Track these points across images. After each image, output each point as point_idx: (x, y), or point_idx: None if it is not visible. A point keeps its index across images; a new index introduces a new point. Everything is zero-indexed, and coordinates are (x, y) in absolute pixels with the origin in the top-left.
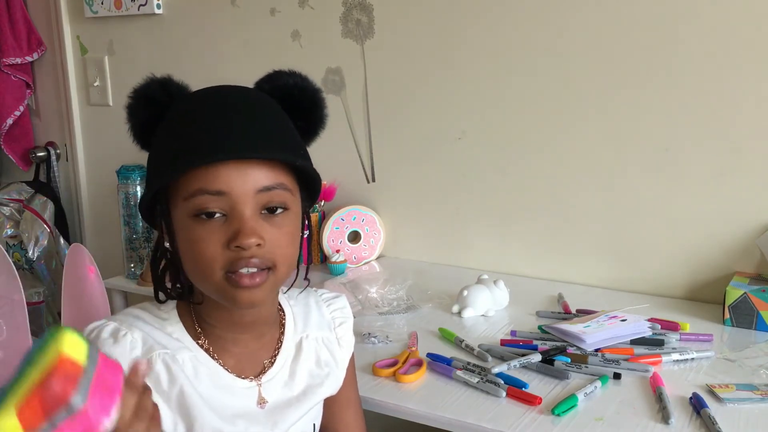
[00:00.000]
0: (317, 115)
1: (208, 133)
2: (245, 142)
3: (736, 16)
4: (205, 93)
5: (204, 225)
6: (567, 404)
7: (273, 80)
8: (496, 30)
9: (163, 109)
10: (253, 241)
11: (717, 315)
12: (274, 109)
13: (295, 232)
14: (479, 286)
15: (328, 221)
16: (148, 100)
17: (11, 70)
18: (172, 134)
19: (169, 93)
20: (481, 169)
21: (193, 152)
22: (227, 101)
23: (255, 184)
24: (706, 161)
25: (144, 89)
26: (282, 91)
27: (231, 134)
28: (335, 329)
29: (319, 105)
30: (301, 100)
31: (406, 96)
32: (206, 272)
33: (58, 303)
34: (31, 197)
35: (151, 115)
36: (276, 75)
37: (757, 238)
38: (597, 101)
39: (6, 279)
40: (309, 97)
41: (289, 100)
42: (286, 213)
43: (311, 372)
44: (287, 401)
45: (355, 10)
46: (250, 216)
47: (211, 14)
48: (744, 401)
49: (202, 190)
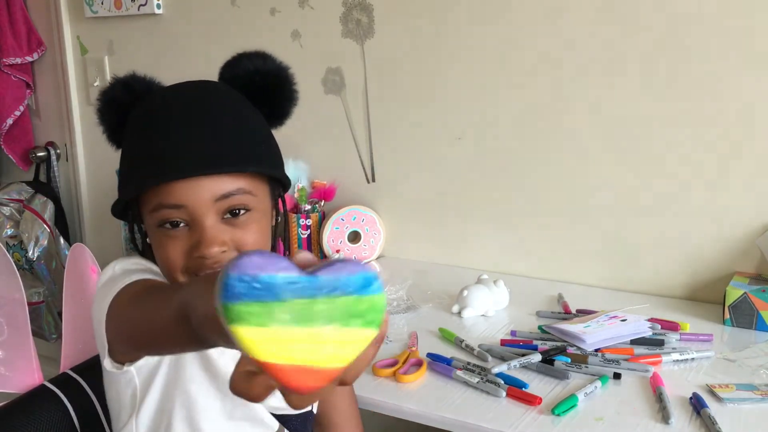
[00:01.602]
0: (284, 94)
1: (160, 152)
2: (195, 159)
3: (736, 17)
4: (161, 100)
5: (169, 234)
6: (567, 404)
7: (233, 67)
8: (497, 30)
9: (129, 109)
10: (216, 251)
11: (717, 315)
12: (232, 110)
13: (262, 227)
14: (479, 286)
15: (328, 221)
16: (112, 103)
17: (11, 70)
18: (131, 145)
19: (133, 93)
20: (481, 169)
21: (147, 172)
22: (181, 112)
23: (212, 194)
24: (706, 161)
25: (108, 91)
26: (242, 79)
27: (181, 152)
28: None
29: (284, 83)
30: (262, 84)
31: (406, 96)
32: (173, 276)
33: (58, 303)
34: (31, 197)
35: (119, 117)
36: (236, 61)
37: (757, 238)
38: (597, 101)
39: (6, 278)
40: (272, 79)
41: (250, 86)
42: (250, 213)
43: None
44: None
45: (355, 10)
46: (212, 225)
47: (211, 14)
48: (744, 401)
49: (162, 204)
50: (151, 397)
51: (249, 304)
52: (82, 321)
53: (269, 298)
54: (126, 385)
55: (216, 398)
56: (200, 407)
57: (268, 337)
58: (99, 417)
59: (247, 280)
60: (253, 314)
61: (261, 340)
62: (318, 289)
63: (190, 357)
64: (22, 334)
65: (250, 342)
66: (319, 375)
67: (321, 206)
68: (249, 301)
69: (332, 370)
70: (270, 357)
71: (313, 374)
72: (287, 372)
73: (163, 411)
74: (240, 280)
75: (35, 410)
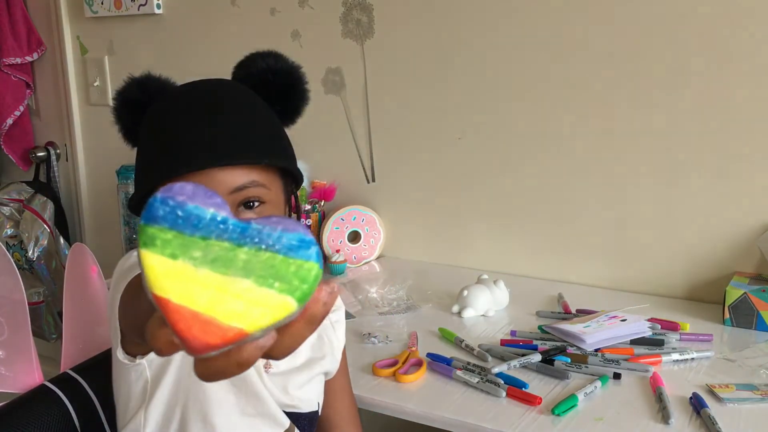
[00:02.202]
0: (296, 93)
1: (175, 146)
2: (209, 152)
3: (736, 18)
4: (175, 97)
5: None
6: (567, 404)
7: (246, 66)
8: (497, 30)
9: (145, 108)
10: None
11: (717, 315)
12: (245, 105)
13: None
14: (479, 286)
15: (328, 221)
16: (128, 102)
17: (11, 70)
18: (148, 140)
19: (148, 93)
20: (481, 169)
21: (162, 166)
22: (194, 107)
23: (226, 187)
24: (707, 161)
25: (124, 91)
26: (255, 77)
27: (195, 145)
28: (329, 315)
29: (297, 83)
30: (275, 83)
31: (406, 96)
32: None
33: (58, 303)
34: (31, 197)
35: (134, 116)
36: (249, 60)
37: (757, 238)
38: (597, 101)
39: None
40: (284, 78)
41: (263, 85)
42: (264, 206)
43: (313, 345)
44: (290, 370)
45: (355, 10)
46: None
47: (211, 14)
48: (744, 401)
49: None
50: (161, 391)
51: (165, 231)
52: (82, 321)
53: (188, 231)
54: (137, 378)
55: (229, 392)
56: (213, 402)
57: (172, 271)
58: (99, 417)
59: (171, 205)
60: (165, 242)
61: (164, 273)
62: (245, 237)
63: None
64: (22, 334)
65: (152, 271)
66: (216, 331)
67: (321, 206)
68: (166, 227)
69: (234, 330)
70: (167, 293)
71: (211, 328)
72: (181, 315)
73: (175, 405)
74: (164, 203)
75: (35, 410)
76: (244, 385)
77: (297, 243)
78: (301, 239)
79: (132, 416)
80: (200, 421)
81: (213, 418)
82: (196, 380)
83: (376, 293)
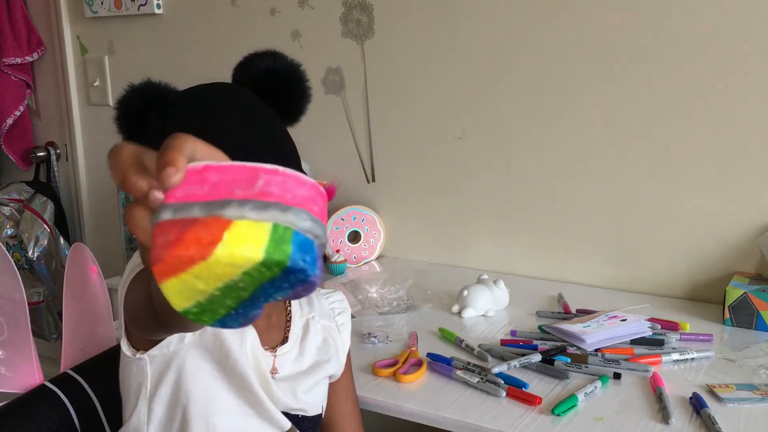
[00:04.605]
0: (297, 92)
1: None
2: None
3: (736, 16)
4: (177, 108)
5: None
6: (567, 404)
7: (245, 67)
8: (496, 30)
9: (146, 115)
10: None
11: (717, 315)
12: (244, 107)
13: None
14: (479, 286)
15: (328, 221)
16: (129, 110)
17: (11, 70)
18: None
19: (148, 100)
20: (481, 169)
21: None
22: (194, 114)
23: None
24: (706, 161)
25: (124, 100)
26: (255, 79)
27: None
28: (335, 318)
29: (296, 81)
30: (275, 83)
31: (406, 96)
32: None
33: (58, 303)
34: (31, 197)
35: (136, 123)
36: (248, 61)
37: (757, 238)
38: (597, 101)
39: (6, 278)
40: (283, 77)
41: (264, 86)
42: None
43: (319, 349)
44: (297, 374)
45: (355, 10)
46: None
47: (211, 14)
48: (744, 401)
49: None
50: (164, 389)
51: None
52: (82, 321)
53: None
54: (139, 372)
55: (230, 393)
56: (215, 402)
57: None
58: (99, 417)
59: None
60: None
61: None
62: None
63: (208, 352)
64: (22, 334)
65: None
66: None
67: None
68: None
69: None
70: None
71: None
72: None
73: (177, 403)
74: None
75: (35, 410)
76: (245, 388)
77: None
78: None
79: (133, 410)
80: (202, 422)
81: (214, 418)
82: (199, 380)
83: (376, 293)
